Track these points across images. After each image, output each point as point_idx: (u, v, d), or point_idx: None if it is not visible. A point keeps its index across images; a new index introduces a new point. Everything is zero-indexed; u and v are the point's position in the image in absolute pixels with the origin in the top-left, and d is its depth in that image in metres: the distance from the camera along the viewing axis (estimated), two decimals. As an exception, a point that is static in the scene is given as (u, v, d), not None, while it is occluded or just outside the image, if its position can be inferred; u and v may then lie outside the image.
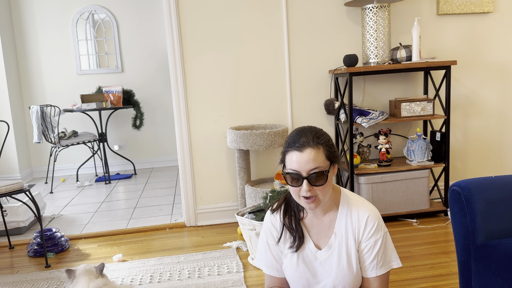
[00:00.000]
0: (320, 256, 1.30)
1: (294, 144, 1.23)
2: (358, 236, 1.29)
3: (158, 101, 5.34)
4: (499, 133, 3.33)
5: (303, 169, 1.21)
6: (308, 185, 1.21)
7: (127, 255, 2.65)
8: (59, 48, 5.08)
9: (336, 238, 1.30)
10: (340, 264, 1.28)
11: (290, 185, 1.24)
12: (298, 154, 1.22)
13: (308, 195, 1.21)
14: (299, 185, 1.22)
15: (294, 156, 1.22)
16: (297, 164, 1.21)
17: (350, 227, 1.29)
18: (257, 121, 3.10)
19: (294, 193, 1.25)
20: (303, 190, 1.21)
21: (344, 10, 3.06)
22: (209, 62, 2.99)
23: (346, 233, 1.29)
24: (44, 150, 5.17)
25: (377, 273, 1.28)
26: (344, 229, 1.29)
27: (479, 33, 3.21)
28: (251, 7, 2.98)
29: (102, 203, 3.84)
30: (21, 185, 2.58)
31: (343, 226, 1.30)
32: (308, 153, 1.21)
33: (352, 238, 1.29)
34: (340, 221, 1.30)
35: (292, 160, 1.22)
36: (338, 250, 1.29)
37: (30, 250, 2.73)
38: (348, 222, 1.29)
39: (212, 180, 3.10)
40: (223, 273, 2.31)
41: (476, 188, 1.54)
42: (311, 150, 1.21)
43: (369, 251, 1.28)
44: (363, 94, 3.16)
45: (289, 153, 1.24)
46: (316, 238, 1.32)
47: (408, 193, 2.91)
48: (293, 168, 1.22)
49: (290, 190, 1.27)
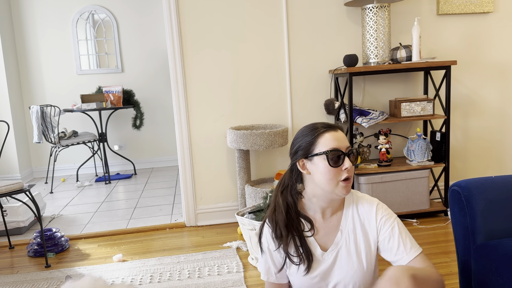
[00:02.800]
0: (328, 258, 1.25)
1: (323, 127, 1.20)
2: (371, 228, 1.24)
3: (158, 101, 5.34)
4: (499, 133, 3.33)
5: (342, 146, 1.18)
6: (350, 162, 1.17)
7: (127, 255, 2.65)
8: (59, 48, 5.08)
9: (343, 235, 1.25)
10: (349, 261, 1.24)
11: (332, 166, 1.16)
12: (334, 132, 1.19)
13: (348, 174, 1.17)
14: (340, 164, 1.17)
15: (329, 135, 1.18)
16: (337, 142, 1.17)
17: (358, 222, 1.25)
18: (257, 121, 3.10)
19: (331, 179, 1.17)
20: (345, 170, 1.17)
21: (344, 10, 3.06)
22: (209, 62, 2.99)
23: (354, 229, 1.25)
24: (44, 150, 5.17)
25: (410, 256, 1.19)
26: (351, 225, 1.25)
27: (479, 33, 3.21)
28: (251, 7, 2.98)
29: (102, 203, 3.84)
30: (21, 185, 2.58)
31: (350, 223, 1.26)
32: (340, 132, 1.21)
33: (361, 233, 1.24)
34: (346, 218, 1.26)
35: (329, 139, 1.17)
36: (346, 247, 1.25)
37: (30, 250, 2.73)
38: (355, 217, 1.26)
39: (212, 180, 3.10)
40: (223, 273, 2.31)
41: (476, 188, 1.54)
42: (340, 131, 1.21)
43: (391, 238, 1.22)
44: (363, 94, 3.16)
45: (322, 135, 1.18)
46: (323, 241, 1.27)
47: (408, 193, 2.91)
48: (333, 146, 1.17)
49: (323, 177, 1.18)
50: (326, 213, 1.27)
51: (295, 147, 1.24)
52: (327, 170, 1.17)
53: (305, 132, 1.22)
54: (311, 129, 1.21)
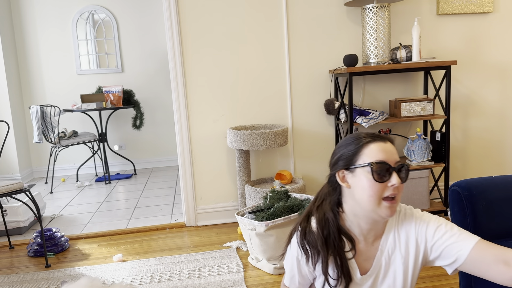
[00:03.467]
0: (366, 281, 1.14)
1: (370, 136, 1.07)
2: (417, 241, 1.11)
3: (158, 101, 5.34)
4: (499, 133, 3.33)
5: (391, 159, 1.04)
6: (398, 179, 1.03)
7: (127, 255, 2.65)
8: (59, 48, 5.08)
9: (382, 255, 1.13)
10: (384, 285, 1.14)
11: (376, 181, 1.03)
12: (382, 143, 1.06)
13: (394, 192, 1.04)
14: (386, 180, 1.03)
15: (376, 146, 1.05)
16: (385, 154, 1.04)
17: (398, 241, 1.13)
18: (257, 121, 3.10)
19: (373, 195, 1.04)
20: (391, 187, 1.03)
21: (344, 10, 3.06)
22: (209, 62, 2.99)
23: (393, 249, 1.13)
24: (44, 150, 5.17)
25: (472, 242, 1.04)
26: (392, 245, 1.13)
27: (479, 33, 3.21)
28: (251, 7, 2.98)
29: (102, 203, 3.84)
30: (21, 185, 2.58)
31: (391, 242, 1.14)
32: (390, 144, 1.08)
33: (402, 254, 1.12)
34: (387, 236, 1.14)
35: (375, 150, 1.05)
36: (384, 269, 1.14)
37: (30, 250, 2.74)
38: (396, 236, 1.13)
39: (212, 180, 3.11)
40: (223, 273, 2.31)
41: (476, 188, 1.54)
42: (390, 143, 1.08)
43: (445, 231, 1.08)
44: (363, 94, 3.16)
45: (368, 145, 1.06)
46: (363, 265, 1.14)
47: (408, 193, 2.91)
48: (380, 159, 1.04)
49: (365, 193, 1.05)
50: (368, 236, 1.14)
51: (336, 157, 1.12)
52: (370, 184, 1.04)
53: (349, 140, 1.11)
54: (356, 138, 1.09)
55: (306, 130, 3.14)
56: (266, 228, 2.21)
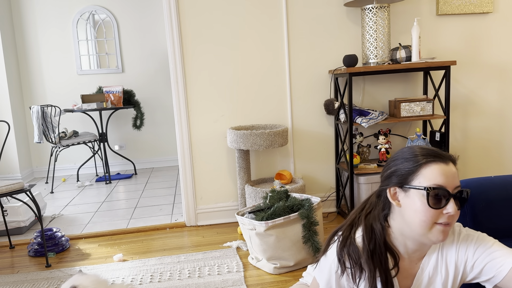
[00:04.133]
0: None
1: (431, 155, 0.99)
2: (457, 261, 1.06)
3: (158, 101, 5.35)
4: (499, 133, 3.33)
5: (450, 185, 0.96)
6: (455, 206, 0.96)
7: (128, 254, 2.66)
8: (60, 48, 5.09)
9: (423, 273, 1.08)
10: None
11: (430, 207, 0.96)
12: (443, 165, 0.97)
13: (450, 220, 0.96)
14: (442, 207, 0.96)
15: (437, 168, 0.97)
16: (445, 178, 0.96)
17: (442, 263, 1.08)
18: (257, 121, 3.10)
19: (425, 220, 0.97)
20: (446, 215, 0.96)
21: (343, 10, 3.07)
22: (209, 63, 3.00)
23: (435, 269, 1.08)
24: (45, 150, 5.18)
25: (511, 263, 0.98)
26: (433, 265, 1.08)
27: (478, 33, 3.21)
28: (251, 7, 2.99)
29: (103, 203, 3.85)
30: (22, 185, 2.59)
31: (432, 261, 1.08)
32: (452, 166, 0.99)
33: (439, 277, 1.07)
34: (429, 255, 1.08)
35: (436, 173, 0.96)
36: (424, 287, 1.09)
37: (30, 250, 2.74)
38: (439, 256, 1.08)
39: (212, 180, 3.11)
40: (223, 272, 2.31)
41: (475, 188, 1.55)
42: (452, 165, 0.99)
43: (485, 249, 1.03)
44: (362, 94, 3.16)
45: (428, 165, 0.97)
46: (404, 283, 1.10)
47: (408, 193, 2.91)
48: (438, 183, 0.95)
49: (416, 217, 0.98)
50: (413, 255, 1.08)
51: (390, 170, 1.04)
52: (424, 209, 0.96)
53: (407, 155, 1.02)
54: (415, 154, 1.00)
55: (306, 130, 3.14)
56: (266, 228, 2.22)
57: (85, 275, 1.68)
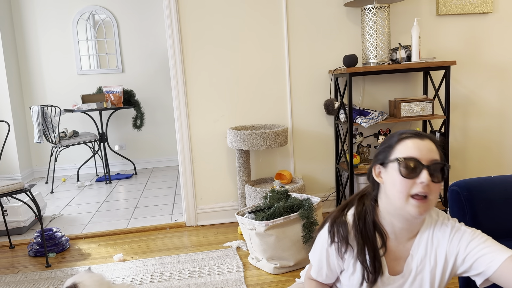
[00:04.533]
0: (393, 282, 1.13)
1: (410, 133, 1.06)
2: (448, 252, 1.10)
3: (158, 101, 5.35)
4: (499, 133, 3.33)
5: (424, 157, 1.02)
6: (428, 177, 1.00)
7: (128, 254, 2.66)
8: (60, 48, 5.09)
9: (413, 261, 1.12)
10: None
11: (404, 177, 1.02)
12: (419, 140, 1.04)
13: (424, 190, 1.00)
14: (415, 176, 1.01)
15: (412, 142, 1.04)
16: (418, 151, 1.02)
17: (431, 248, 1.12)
18: (257, 121, 3.10)
19: (400, 191, 1.02)
20: (419, 184, 1.01)
21: (343, 10, 3.07)
22: (209, 62, 3.00)
23: (424, 257, 1.12)
24: (45, 150, 5.18)
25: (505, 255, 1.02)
26: (423, 252, 1.12)
27: (478, 33, 3.21)
28: (251, 7, 2.99)
29: (103, 203, 3.85)
30: (22, 185, 2.59)
31: (422, 248, 1.12)
32: (429, 142, 1.05)
33: (428, 265, 1.11)
34: (419, 242, 1.12)
35: (409, 146, 1.03)
36: (413, 275, 1.12)
37: (30, 250, 2.74)
38: (429, 242, 1.12)
39: (212, 180, 3.11)
40: (223, 272, 2.31)
41: (475, 188, 1.55)
42: (430, 142, 1.05)
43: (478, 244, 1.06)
44: (362, 94, 3.16)
45: (403, 141, 1.05)
46: (392, 265, 1.13)
47: (408, 193, 2.91)
48: (411, 155, 1.02)
49: (393, 189, 1.04)
50: (400, 236, 1.12)
51: (376, 152, 1.13)
52: (398, 180, 1.03)
53: (390, 136, 1.10)
54: (397, 134, 1.08)
55: (306, 130, 3.14)
56: (266, 228, 2.22)
57: (91, 273, 1.68)
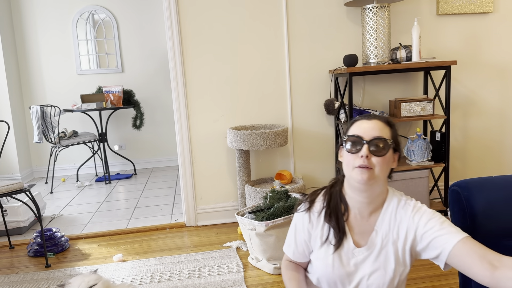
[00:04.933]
0: (358, 254, 1.22)
1: (363, 117, 1.21)
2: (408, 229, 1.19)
3: (158, 101, 5.34)
4: (499, 133, 3.33)
5: (366, 134, 1.16)
6: (368, 150, 1.14)
7: (127, 255, 2.66)
8: (59, 48, 5.09)
9: (377, 236, 1.22)
10: (375, 265, 1.21)
11: (348, 152, 1.17)
12: (366, 121, 1.19)
13: (364, 163, 1.13)
14: (357, 151, 1.15)
15: (359, 123, 1.19)
16: (361, 130, 1.17)
17: (394, 225, 1.21)
18: (257, 121, 3.10)
19: (347, 164, 1.18)
20: (359, 157, 1.14)
21: (344, 10, 3.06)
22: (210, 62, 2.99)
23: (387, 233, 1.21)
24: (44, 150, 5.17)
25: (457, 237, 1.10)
26: (387, 227, 1.22)
27: (479, 33, 3.21)
28: (252, 7, 2.99)
29: (102, 203, 3.84)
30: (21, 185, 2.58)
31: (386, 224, 1.22)
32: (375, 122, 1.18)
33: (392, 240, 1.21)
34: (383, 219, 1.23)
35: (356, 126, 1.19)
36: (378, 250, 1.22)
37: (30, 250, 2.74)
38: (392, 219, 1.22)
39: (212, 180, 3.11)
40: (223, 273, 2.31)
41: (476, 188, 1.54)
42: (378, 122, 1.19)
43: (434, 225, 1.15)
44: (363, 94, 3.16)
45: (355, 123, 1.20)
46: (357, 237, 1.24)
47: (408, 193, 2.91)
48: (355, 133, 1.17)
49: (344, 163, 1.20)
50: (362, 209, 1.24)
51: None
52: (345, 155, 1.19)
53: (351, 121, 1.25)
54: (355, 117, 1.25)
55: (306, 130, 3.14)
56: (266, 228, 2.21)
57: (92, 275, 1.68)
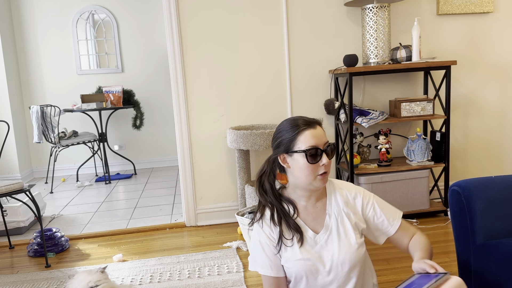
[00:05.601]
0: (320, 239, 1.34)
1: (303, 124, 1.28)
2: (355, 210, 1.37)
3: (158, 101, 5.34)
4: (499, 133, 3.33)
5: (320, 142, 1.27)
6: (327, 158, 1.27)
7: (127, 255, 2.66)
8: (59, 48, 5.08)
9: (331, 218, 1.35)
10: (340, 241, 1.33)
11: (310, 163, 1.26)
12: (313, 130, 1.27)
13: (325, 169, 1.27)
14: (317, 161, 1.26)
15: (309, 133, 1.27)
16: (315, 139, 1.26)
17: (341, 205, 1.36)
18: (257, 121, 3.10)
19: (309, 174, 1.27)
20: (322, 166, 1.27)
21: (344, 10, 3.06)
22: (209, 62, 2.99)
23: (339, 212, 1.36)
24: (44, 150, 5.17)
25: (397, 225, 1.36)
26: (336, 209, 1.36)
27: (479, 33, 3.21)
28: (251, 7, 2.99)
29: (102, 203, 3.84)
30: (21, 185, 2.58)
31: (334, 206, 1.37)
32: (318, 128, 1.29)
33: (345, 216, 1.36)
34: (330, 203, 1.37)
35: (308, 137, 1.26)
36: (336, 229, 1.34)
37: (30, 250, 2.74)
38: (339, 201, 1.37)
39: (212, 180, 3.11)
40: (223, 273, 2.31)
41: (476, 188, 1.54)
42: (319, 127, 1.30)
43: (374, 214, 1.37)
44: (363, 94, 3.16)
45: (302, 133, 1.27)
46: (313, 225, 1.36)
47: (408, 193, 2.91)
48: (312, 144, 1.26)
49: (302, 173, 1.28)
50: (310, 200, 1.37)
51: (278, 141, 1.32)
52: (306, 166, 1.26)
53: (287, 127, 1.30)
54: (292, 126, 1.29)
55: (306, 130, 3.13)
56: (266, 228, 2.21)
57: (94, 274, 1.69)
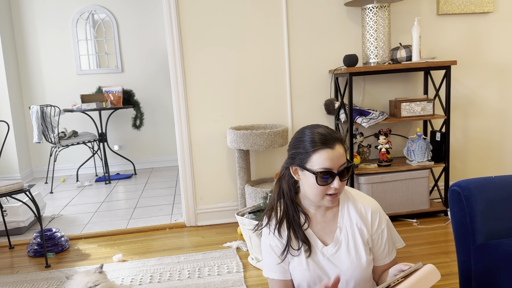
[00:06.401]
0: (327, 252, 1.29)
1: (320, 142, 1.19)
2: (368, 229, 1.30)
3: (158, 101, 5.34)
4: (499, 133, 3.33)
5: (334, 165, 1.18)
6: (339, 182, 1.19)
7: (127, 255, 2.65)
8: (59, 48, 5.08)
9: (342, 232, 1.29)
10: (349, 258, 1.27)
11: (319, 185, 1.19)
12: (330, 151, 1.18)
13: (336, 192, 1.20)
14: (329, 183, 1.19)
15: (325, 153, 1.18)
16: (330, 162, 1.18)
17: (354, 219, 1.29)
18: (257, 121, 3.10)
19: (317, 194, 1.21)
20: (333, 188, 1.19)
21: (344, 10, 3.06)
22: (209, 62, 2.99)
23: (351, 226, 1.29)
24: (44, 150, 5.17)
25: (390, 259, 1.33)
26: (348, 223, 1.30)
27: (479, 33, 3.21)
28: (251, 7, 2.98)
29: (102, 203, 3.84)
30: (21, 185, 2.58)
31: (346, 220, 1.30)
32: (338, 148, 1.20)
33: (358, 231, 1.29)
34: (342, 215, 1.30)
35: (323, 158, 1.18)
36: (345, 244, 1.28)
37: (30, 250, 2.73)
38: (351, 214, 1.30)
39: (212, 180, 3.11)
40: (223, 273, 2.31)
41: (476, 188, 1.54)
42: (339, 146, 1.20)
43: (379, 241, 1.30)
44: (363, 94, 3.16)
45: (318, 152, 1.18)
46: (321, 235, 1.31)
47: (408, 193, 2.91)
48: (325, 167, 1.18)
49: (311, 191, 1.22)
50: (320, 209, 1.31)
51: (292, 151, 1.25)
52: (315, 186, 1.20)
53: (305, 139, 1.22)
54: (310, 140, 1.20)
55: (306, 130, 3.13)
56: (266, 228, 2.21)
57: (94, 274, 1.69)
